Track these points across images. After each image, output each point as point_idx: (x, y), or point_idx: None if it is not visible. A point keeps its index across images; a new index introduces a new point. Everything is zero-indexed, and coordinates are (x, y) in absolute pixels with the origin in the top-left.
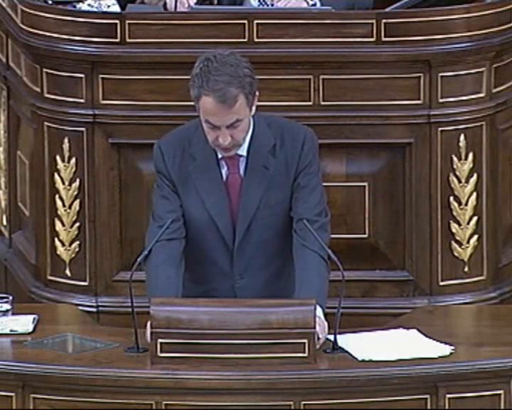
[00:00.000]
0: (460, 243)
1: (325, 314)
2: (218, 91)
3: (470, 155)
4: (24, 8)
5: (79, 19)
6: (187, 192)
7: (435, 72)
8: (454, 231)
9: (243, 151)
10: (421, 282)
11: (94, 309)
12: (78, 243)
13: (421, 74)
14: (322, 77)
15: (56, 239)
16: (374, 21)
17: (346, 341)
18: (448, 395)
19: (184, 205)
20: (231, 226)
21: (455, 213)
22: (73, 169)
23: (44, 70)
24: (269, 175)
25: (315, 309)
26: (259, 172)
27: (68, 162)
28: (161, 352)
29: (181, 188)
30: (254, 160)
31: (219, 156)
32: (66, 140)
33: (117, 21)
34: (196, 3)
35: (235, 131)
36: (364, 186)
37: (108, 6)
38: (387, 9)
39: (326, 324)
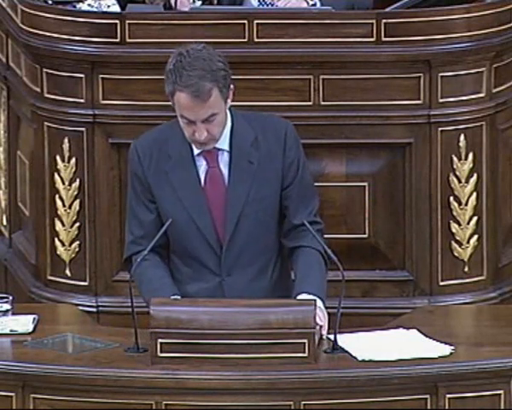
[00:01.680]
0: (460, 243)
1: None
2: (192, 86)
3: (470, 155)
4: (24, 8)
5: (79, 19)
6: (164, 193)
7: (435, 72)
8: (454, 231)
9: (224, 145)
10: (421, 282)
11: (94, 309)
12: (78, 243)
13: (421, 74)
14: (322, 77)
15: (56, 239)
16: (374, 21)
17: (346, 341)
18: (448, 395)
19: (162, 207)
20: (211, 224)
21: (455, 213)
22: (73, 169)
23: (44, 70)
24: (254, 169)
25: (315, 309)
26: (244, 166)
27: (68, 162)
28: (161, 352)
29: (157, 189)
30: (237, 154)
31: (196, 153)
32: (66, 140)
33: (117, 21)
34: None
35: (211, 125)
36: (364, 186)
37: (108, 6)
38: (387, 9)
39: (327, 315)
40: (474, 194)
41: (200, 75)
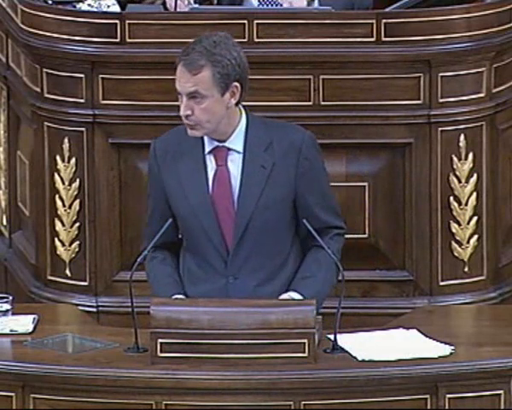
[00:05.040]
0: (460, 243)
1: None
2: (187, 56)
3: (470, 155)
4: (24, 8)
5: (79, 19)
6: (174, 191)
7: (435, 72)
8: (454, 231)
9: (237, 146)
10: (421, 282)
11: (94, 309)
12: (78, 243)
13: (421, 74)
14: (322, 77)
15: (56, 239)
16: (374, 21)
17: (346, 341)
18: (448, 395)
19: (172, 205)
20: (217, 227)
21: (455, 213)
22: (73, 169)
23: (44, 70)
24: (266, 174)
25: (315, 309)
26: (256, 170)
27: (68, 162)
28: (161, 352)
29: (168, 187)
30: (250, 158)
31: (206, 151)
32: (66, 140)
33: (117, 21)
34: (195, 2)
35: (197, 107)
36: (364, 186)
37: (108, 6)
38: (387, 9)
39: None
40: (474, 194)
41: (200, 50)
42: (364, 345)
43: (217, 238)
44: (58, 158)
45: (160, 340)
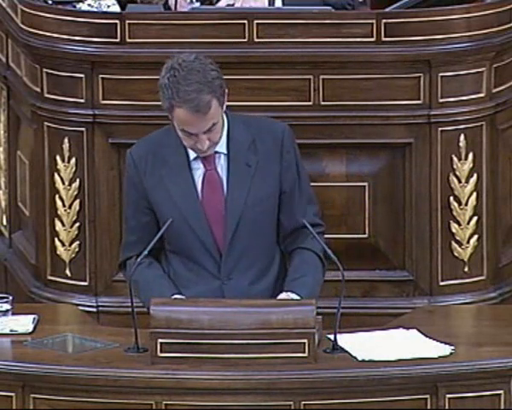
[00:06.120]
0: (460, 243)
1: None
2: (191, 102)
3: (470, 155)
4: (24, 8)
5: (79, 19)
6: (160, 198)
7: (435, 72)
8: (454, 231)
9: (222, 148)
10: (421, 282)
11: (94, 309)
12: (78, 243)
13: (421, 74)
14: (322, 77)
15: (56, 239)
16: (374, 21)
17: (346, 341)
18: (448, 395)
19: (159, 211)
20: (209, 231)
21: (455, 213)
22: (73, 169)
23: (44, 70)
24: (252, 172)
25: (315, 309)
26: (242, 169)
27: (68, 162)
28: (161, 352)
29: (153, 194)
30: (235, 157)
31: (192, 157)
32: (66, 140)
33: (117, 21)
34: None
35: (212, 133)
36: (364, 186)
37: (108, 6)
38: (387, 9)
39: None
40: (474, 194)
41: (198, 89)
42: (364, 345)
43: (208, 241)
44: (58, 158)
45: (159, 340)
